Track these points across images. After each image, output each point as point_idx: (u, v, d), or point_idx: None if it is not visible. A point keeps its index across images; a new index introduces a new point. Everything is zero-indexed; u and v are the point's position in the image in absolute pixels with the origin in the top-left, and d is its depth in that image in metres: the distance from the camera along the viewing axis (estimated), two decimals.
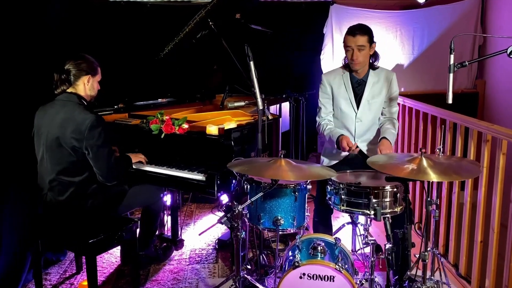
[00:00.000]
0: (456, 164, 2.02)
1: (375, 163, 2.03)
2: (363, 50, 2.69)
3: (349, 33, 2.71)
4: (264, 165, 2.13)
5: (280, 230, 2.42)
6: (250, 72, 2.12)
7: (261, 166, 2.12)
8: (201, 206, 4.28)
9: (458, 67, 2.02)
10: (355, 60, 2.70)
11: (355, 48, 2.68)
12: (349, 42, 2.70)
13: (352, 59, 2.70)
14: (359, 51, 2.69)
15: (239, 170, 2.07)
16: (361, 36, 2.68)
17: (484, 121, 2.52)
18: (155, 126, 2.83)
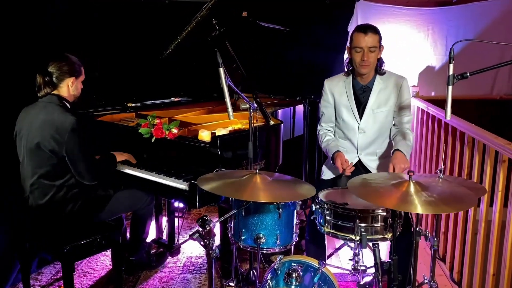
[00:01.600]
0: (451, 191, 1.73)
1: (355, 188, 1.78)
2: (373, 52, 2.43)
3: (360, 30, 2.43)
4: (236, 182, 1.94)
5: (261, 249, 2.24)
6: (220, 79, 1.94)
7: (232, 183, 1.93)
8: (211, 209, 4.16)
9: (458, 78, 1.73)
10: (366, 62, 2.42)
11: (366, 49, 2.41)
12: (360, 42, 2.41)
13: (363, 59, 2.42)
14: (369, 53, 2.42)
15: (204, 187, 1.90)
16: (373, 35, 2.42)
17: (502, 139, 2.19)
18: (145, 130, 2.72)
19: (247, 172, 2.02)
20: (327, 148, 2.58)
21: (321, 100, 2.71)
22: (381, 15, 4.15)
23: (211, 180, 1.94)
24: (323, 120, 2.71)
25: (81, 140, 2.36)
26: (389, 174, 1.93)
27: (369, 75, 2.54)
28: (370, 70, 2.50)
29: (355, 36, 2.43)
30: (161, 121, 2.75)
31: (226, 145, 2.52)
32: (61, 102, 2.42)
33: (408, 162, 2.38)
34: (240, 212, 2.24)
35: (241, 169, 2.56)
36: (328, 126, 2.71)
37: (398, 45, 4.14)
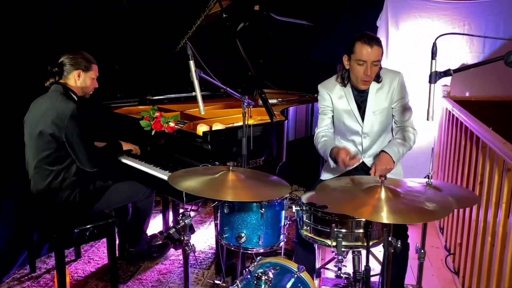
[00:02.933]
0: (426, 199, 1.58)
1: (321, 192, 1.67)
2: (376, 66, 2.27)
3: (365, 42, 2.24)
4: (208, 180, 1.88)
5: (242, 248, 2.18)
6: (190, 72, 1.90)
7: (203, 181, 1.86)
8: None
9: (440, 76, 1.57)
10: (368, 76, 2.27)
11: (369, 63, 2.24)
12: (363, 55, 2.23)
13: (366, 74, 2.26)
14: (373, 66, 2.26)
15: (174, 185, 1.85)
16: (378, 48, 2.25)
17: (510, 145, 1.96)
18: (145, 122, 2.75)
19: (222, 168, 1.96)
20: (325, 147, 2.45)
21: (318, 105, 2.58)
22: (413, 9, 3.90)
23: (181, 176, 1.90)
24: (322, 124, 2.57)
25: (81, 126, 2.44)
26: (368, 179, 1.78)
27: None
28: (369, 85, 2.34)
29: (359, 47, 2.25)
30: (161, 114, 2.75)
31: (218, 140, 2.49)
32: (65, 91, 2.52)
33: (392, 164, 2.23)
34: (223, 209, 2.21)
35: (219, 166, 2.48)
36: (326, 128, 2.57)
37: (430, 42, 3.86)
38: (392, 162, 2.26)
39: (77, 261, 3.06)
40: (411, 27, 3.94)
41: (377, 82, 2.38)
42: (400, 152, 2.31)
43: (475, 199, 1.78)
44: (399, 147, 2.32)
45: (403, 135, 2.37)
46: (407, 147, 2.35)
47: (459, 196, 1.74)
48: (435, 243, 3.41)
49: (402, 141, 2.35)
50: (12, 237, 2.84)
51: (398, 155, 2.30)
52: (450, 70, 1.56)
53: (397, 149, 2.31)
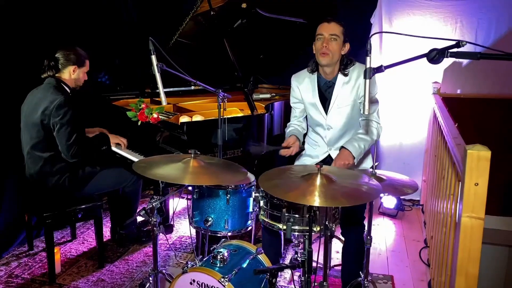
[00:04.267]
0: (358, 186, 1.69)
1: (264, 179, 1.80)
2: (335, 40, 2.37)
3: (324, 20, 2.40)
4: (169, 167, 2.02)
5: (210, 231, 2.35)
6: (152, 67, 2.06)
7: (164, 168, 2.01)
8: None
9: (374, 72, 1.67)
10: (325, 49, 2.35)
11: (327, 35, 2.36)
12: (321, 29, 2.38)
13: (322, 46, 2.36)
14: (331, 41, 2.36)
15: (138, 171, 2.01)
16: (336, 24, 2.38)
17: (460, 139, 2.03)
18: (132, 113, 2.95)
19: (185, 156, 2.11)
20: (287, 135, 2.59)
21: (290, 96, 2.70)
22: (406, 6, 3.95)
23: (143, 163, 2.07)
24: (292, 115, 2.69)
25: (66, 116, 2.63)
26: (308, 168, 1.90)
27: (333, 70, 2.46)
28: (330, 61, 2.40)
29: (319, 25, 2.41)
30: (146, 106, 2.94)
31: (193, 131, 2.65)
32: (58, 84, 2.73)
33: (351, 159, 2.31)
34: (193, 194, 2.38)
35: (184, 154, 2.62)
36: (296, 121, 2.68)
37: (423, 39, 3.90)
38: (352, 157, 2.33)
39: (72, 242, 3.29)
40: (405, 24, 3.99)
41: (344, 75, 2.47)
42: (361, 147, 2.36)
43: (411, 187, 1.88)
44: (360, 142, 2.38)
45: (365, 129, 2.45)
46: (368, 142, 2.40)
47: (397, 185, 1.85)
48: (417, 236, 3.48)
49: (364, 136, 2.42)
50: (13, 217, 3.09)
51: (358, 150, 2.35)
52: (382, 66, 1.66)
53: (358, 144, 2.37)
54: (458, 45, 1.48)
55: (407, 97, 4.06)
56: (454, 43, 1.48)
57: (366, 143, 2.40)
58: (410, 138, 4.19)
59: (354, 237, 2.36)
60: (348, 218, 2.30)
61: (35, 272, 2.86)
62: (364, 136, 2.41)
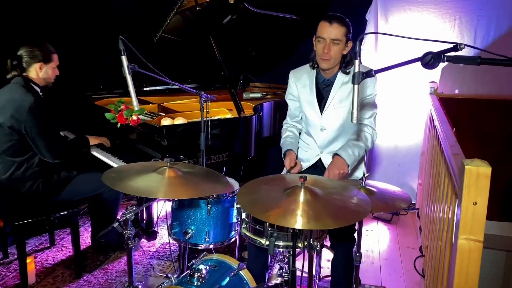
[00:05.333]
0: (344, 202, 1.54)
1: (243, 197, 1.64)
2: (337, 45, 2.20)
3: (325, 20, 2.20)
4: (142, 178, 1.84)
5: (190, 244, 2.20)
6: (122, 68, 1.90)
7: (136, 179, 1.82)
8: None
9: (363, 76, 1.51)
10: (325, 55, 2.20)
11: (328, 40, 2.19)
12: (323, 32, 2.20)
13: (323, 51, 2.20)
14: (332, 45, 2.20)
15: (106, 182, 1.85)
16: (339, 26, 2.18)
17: (457, 148, 1.88)
18: (110, 115, 2.78)
19: (160, 165, 1.95)
20: (283, 145, 2.45)
21: (286, 92, 2.55)
22: (403, 2, 3.78)
23: (113, 173, 1.90)
24: (288, 114, 2.56)
25: (40, 119, 2.48)
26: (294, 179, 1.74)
27: (332, 70, 2.32)
28: (331, 66, 2.28)
29: (320, 24, 2.22)
30: (126, 107, 2.78)
31: (173, 135, 2.49)
32: (26, 84, 2.56)
33: (346, 168, 2.16)
34: (172, 204, 2.23)
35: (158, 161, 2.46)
36: (293, 121, 2.56)
37: (420, 36, 3.74)
38: (346, 166, 2.19)
39: (50, 249, 3.14)
40: (401, 21, 3.83)
41: (344, 74, 2.32)
42: (355, 155, 2.23)
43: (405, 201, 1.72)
44: (354, 149, 2.24)
45: (359, 135, 2.30)
46: (363, 149, 2.26)
47: (388, 198, 1.70)
48: (412, 243, 3.34)
49: (357, 142, 2.27)
50: None
51: (353, 158, 2.22)
52: (372, 70, 1.51)
53: (352, 151, 2.23)
54: (456, 48, 1.32)
55: (403, 97, 3.90)
56: (452, 46, 1.33)
57: (361, 150, 2.26)
58: (405, 140, 4.04)
59: (343, 251, 2.21)
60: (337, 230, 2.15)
61: (8, 283, 2.70)
62: (359, 142, 2.27)
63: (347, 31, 2.22)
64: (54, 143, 2.57)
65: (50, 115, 2.55)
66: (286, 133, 2.51)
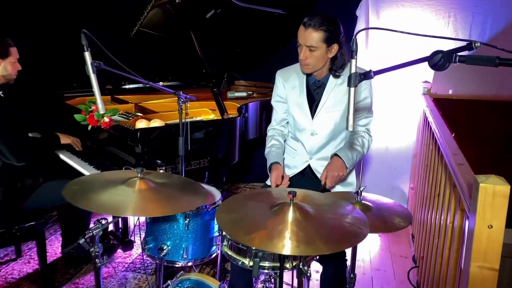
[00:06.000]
0: (341, 223, 1.34)
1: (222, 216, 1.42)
2: (314, 51, 2.01)
3: (302, 23, 2.01)
4: (109, 192, 1.61)
5: (166, 261, 1.98)
6: (86, 66, 1.68)
7: (102, 193, 1.61)
8: None
9: (361, 78, 1.32)
10: (302, 61, 2.04)
11: (304, 47, 2.00)
12: (299, 36, 2.01)
13: (301, 58, 2.04)
14: (309, 51, 2.01)
15: (67, 197, 1.61)
16: (314, 32, 1.96)
17: (460, 157, 1.70)
18: (80, 116, 2.54)
19: (130, 175, 1.73)
20: (268, 155, 2.23)
21: (272, 93, 2.35)
22: None
23: (75, 185, 1.67)
24: (274, 118, 2.35)
25: (2, 122, 2.24)
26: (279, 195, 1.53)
27: (321, 72, 2.13)
28: (312, 71, 2.10)
29: (299, 28, 2.02)
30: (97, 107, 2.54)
31: (148, 139, 2.27)
32: None
33: (344, 170, 2.00)
34: (146, 217, 2.02)
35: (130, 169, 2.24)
36: (279, 125, 2.35)
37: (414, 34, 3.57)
38: (345, 168, 2.03)
39: (16, 261, 2.89)
40: (393, 17, 3.65)
41: (335, 77, 2.13)
42: (354, 158, 2.07)
43: (407, 218, 1.52)
44: (353, 153, 2.07)
45: (356, 139, 2.12)
46: (360, 154, 2.10)
47: (387, 215, 1.51)
48: (405, 252, 3.17)
49: (356, 146, 2.10)
50: None
51: (351, 161, 2.06)
52: (371, 72, 1.31)
53: (351, 155, 2.06)
54: (470, 46, 1.13)
55: (394, 96, 3.73)
56: (465, 44, 1.13)
57: (358, 155, 2.10)
58: (397, 142, 3.87)
59: (332, 271, 2.02)
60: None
61: None
62: (357, 147, 2.10)
63: (327, 36, 1.98)
64: (19, 144, 2.33)
65: (14, 114, 2.31)
66: (271, 141, 2.29)
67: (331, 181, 2.03)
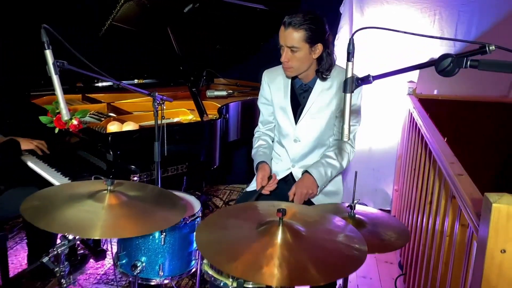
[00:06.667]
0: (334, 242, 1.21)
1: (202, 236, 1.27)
2: (296, 52, 1.87)
3: (283, 22, 1.88)
4: (75, 208, 1.43)
5: (141, 279, 1.81)
6: (47, 66, 1.50)
7: (67, 209, 1.42)
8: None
9: (358, 84, 1.18)
10: (284, 64, 1.91)
11: (286, 48, 1.87)
12: (280, 37, 1.89)
13: (283, 60, 1.90)
14: (291, 52, 1.87)
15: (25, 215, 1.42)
16: (294, 31, 1.83)
17: (458, 165, 1.59)
18: (46, 118, 2.34)
19: (99, 188, 1.55)
20: (255, 156, 2.10)
21: (259, 94, 2.20)
22: None
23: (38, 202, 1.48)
24: (261, 121, 2.21)
25: None
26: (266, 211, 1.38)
27: (307, 75, 1.99)
28: (295, 74, 1.97)
29: (280, 28, 1.88)
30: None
31: (120, 144, 2.08)
32: None
33: (315, 189, 1.88)
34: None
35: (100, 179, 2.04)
36: (266, 128, 2.21)
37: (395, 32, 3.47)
38: (316, 186, 1.91)
39: None
40: (378, 14, 3.54)
41: (322, 80, 1.99)
42: (327, 175, 1.94)
43: (404, 237, 1.40)
44: (327, 169, 1.95)
45: (335, 153, 2.00)
46: (337, 169, 1.98)
47: (382, 231, 1.38)
48: (390, 257, 3.08)
49: (332, 161, 1.97)
50: None
51: (324, 179, 1.94)
52: (369, 76, 1.17)
53: (325, 171, 1.94)
54: (484, 50, 1.00)
55: (378, 96, 3.62)
56: (478, 47, 1.01)
57: (334, 170, 1.96)
58: (381, 142, 3.77)
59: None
60: None
61: None
62: (333, 161, 1.97)
63: (309, 35, 1.85)
64: None
65: None
66: (258, 142, 2.16)
67: (299, 199, 1.90)
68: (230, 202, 3.76)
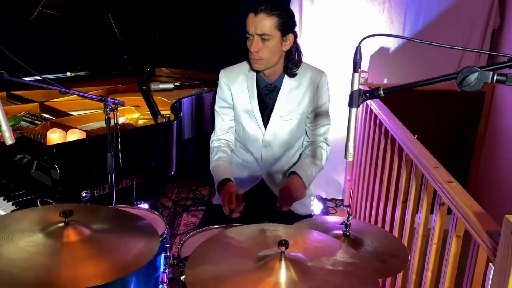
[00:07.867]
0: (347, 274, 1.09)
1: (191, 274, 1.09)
2: (267, 40, 1.71)
3: (252, 9, 1.72)
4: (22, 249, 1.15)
5: None
6: None
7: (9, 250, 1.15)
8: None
9: (366, 97, 1.05)
10: (254, 55, 1.74)
11: (255, 36, 1.71)
12: (249, 26, 1.72)
13: (251, 50, 1.74)
14: (262, 41, 1.71)
15: None
16: (267, 17, 1.69)
17: (445, 172, 1.54)
18: None
19: (53, 220, 1.29)
20: (215, 171, 1.89)
21: (216, 97, 2.00)
22: None
23: None
24: (218, 126, 2.00)
25: None
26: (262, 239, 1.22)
27: (274, 71, 1.85)
28: (265, 67, 1.81)
29: (248, 16, 1.73)
30: None
31: (67, 158, 1.80)
32: None
33: (304, 192, 1.79)
34: None
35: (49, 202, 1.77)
36: (224, 135, 2.01)
37: (349, 20, 3.42)
38: (304, 188, 1.81)
39: None
40: (327, 1, 3.44)
41: (290, 77, 1.85)
42: (312, 175, 1.87)
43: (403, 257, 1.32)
44: (312, 169, 1.87)
45: (313, 153, 1.90)
46: (319, 168, 1.91)
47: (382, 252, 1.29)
48: None
49: (315, 160, 1.88)
50: None
51: (310, 179, 1.86)
52: (379, 89, 1.05)
53: (310, 171, 1.86)
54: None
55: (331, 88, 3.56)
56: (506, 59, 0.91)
57: (317, 171, 1.89)
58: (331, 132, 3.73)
59: None
60: None
61: None
62: (316, 160, 1.89)
63: (281, 22, 1.72)
64: None
65: None
66: (217, 154, 1.94)
67: (289, 203, 1.77)
68: (181, 201, 3.55)
